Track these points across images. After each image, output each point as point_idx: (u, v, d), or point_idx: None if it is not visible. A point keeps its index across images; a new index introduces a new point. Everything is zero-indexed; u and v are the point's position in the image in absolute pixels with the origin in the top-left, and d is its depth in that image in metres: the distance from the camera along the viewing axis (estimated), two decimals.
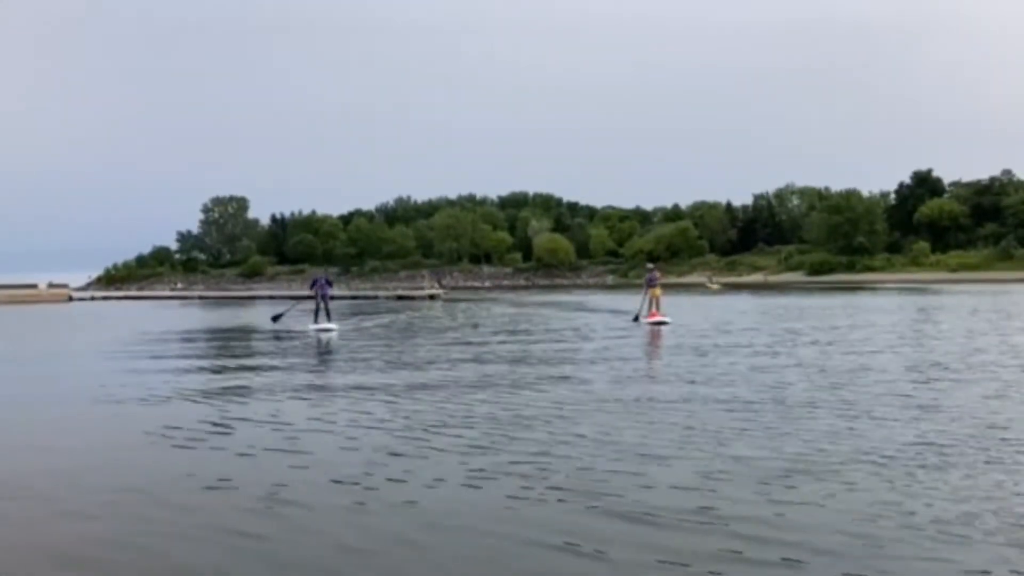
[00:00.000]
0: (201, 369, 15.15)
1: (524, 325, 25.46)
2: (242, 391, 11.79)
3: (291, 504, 6.03)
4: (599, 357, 15.25)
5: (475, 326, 25.81)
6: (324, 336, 21.89)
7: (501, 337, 20.61)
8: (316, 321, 24.03)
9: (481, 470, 6.85)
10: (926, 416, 8.77)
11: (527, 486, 6.30)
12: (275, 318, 26.23)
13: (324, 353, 17.91)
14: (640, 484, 6.29)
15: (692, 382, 11.62)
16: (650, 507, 5.71)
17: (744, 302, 40.28)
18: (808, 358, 14.44)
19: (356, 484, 6.52)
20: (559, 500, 5.95)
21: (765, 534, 5.16)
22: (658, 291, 24.65)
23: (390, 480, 6.62)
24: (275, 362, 15.89)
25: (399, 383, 12.09)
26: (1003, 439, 7.58)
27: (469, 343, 18.99)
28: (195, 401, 10.86)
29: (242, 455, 7.66)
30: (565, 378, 12.32)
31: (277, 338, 21.68)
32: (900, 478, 6.31)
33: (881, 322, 23.89)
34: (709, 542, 5.05)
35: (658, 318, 23.55)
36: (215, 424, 9.23)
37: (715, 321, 25.03)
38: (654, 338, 19.60)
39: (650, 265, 28.55)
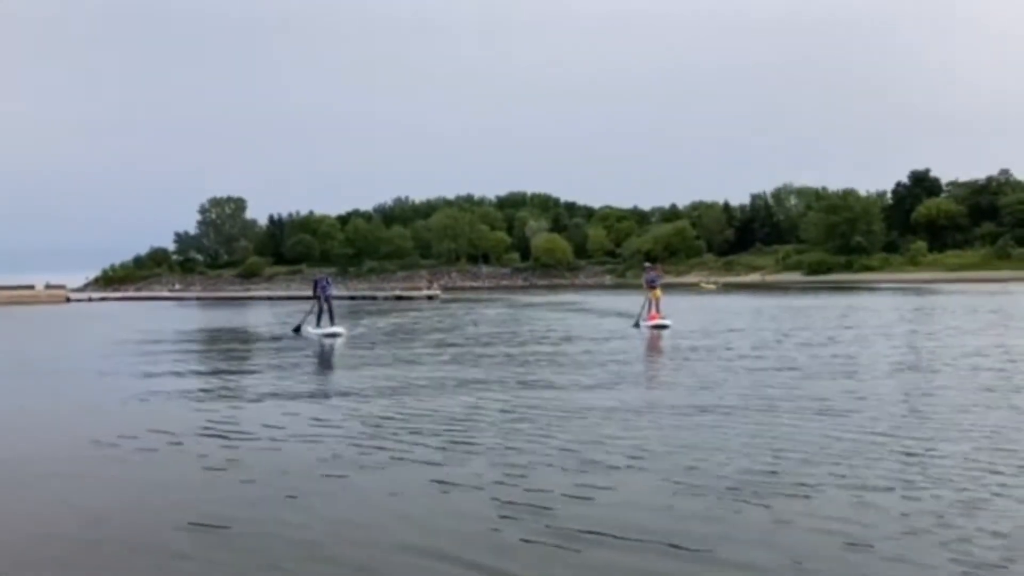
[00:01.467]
0: (189, 389, 14.07)
1: (521, 327, 25.49)
2: (229, 412, 11.33)
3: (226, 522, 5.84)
4: (593, 364, 15.11)
5: (475, 324, 26.03)
6: (328, 342, 21.01)
7: (500, 340, 20.57)
8: (319, 324, 23.17)
9: (441, 482, 6.69)
10: (918, 428, 8.72)
11: (483, 500, 6.20)
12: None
13: (327, 362, 17.51)
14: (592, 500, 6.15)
15: (694, 398, 11.58)
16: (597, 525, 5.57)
17: (742, 303, 40.27)
18: (808, 364, 14.46)
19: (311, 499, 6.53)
20: (504, 516, 5.79)
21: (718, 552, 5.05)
22: (659, 292, 24.00)
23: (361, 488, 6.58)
24: (272, 374, 15.49)
25: (393, 400, 12.01)
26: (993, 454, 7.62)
27: (470, 345, 18.99)
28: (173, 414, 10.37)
29: (207, 468, 7.40)
30: (556, 389, 12.12)
31: (279, 348, 20.62)
32: (881, 493, 6.19)
33: (879, 323, 23.92)
34: (660, 561, 4.92)
35: (658, 321, 22.83)
36: (193, 431, 9.21)
37: (715, 324, 24.90)
38: (652, 343, 19.29)
39: (648, 264, 27.84)
